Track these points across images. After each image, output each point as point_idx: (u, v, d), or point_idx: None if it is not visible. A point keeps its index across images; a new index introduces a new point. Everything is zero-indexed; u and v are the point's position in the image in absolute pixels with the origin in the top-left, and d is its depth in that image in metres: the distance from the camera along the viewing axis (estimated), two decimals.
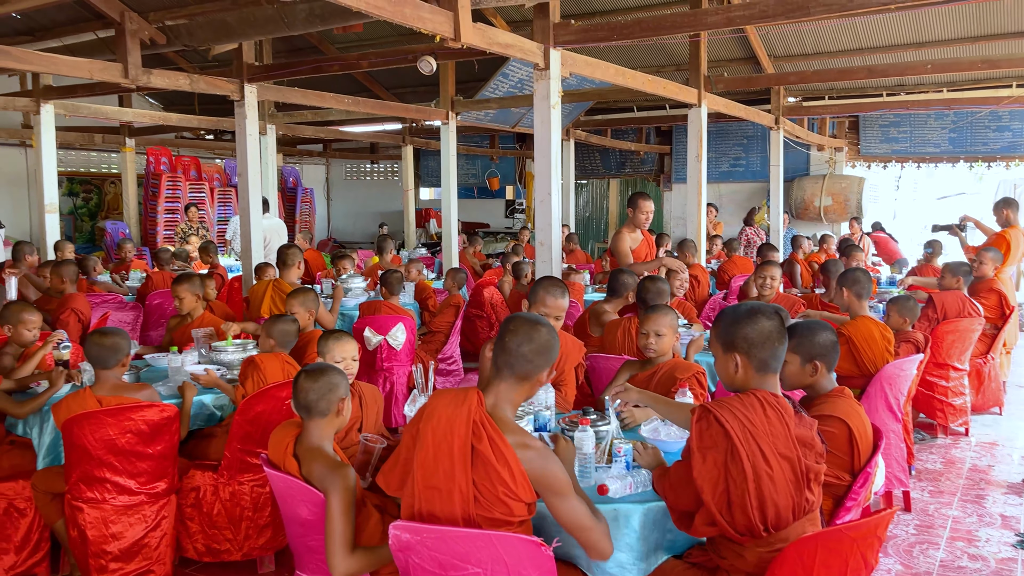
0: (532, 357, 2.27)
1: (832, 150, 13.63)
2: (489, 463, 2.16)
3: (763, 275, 5.45)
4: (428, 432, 2.23)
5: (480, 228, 16.37)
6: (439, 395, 2.30)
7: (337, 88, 10.33)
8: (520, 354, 2.26)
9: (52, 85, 8.99)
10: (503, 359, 2.28)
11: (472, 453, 2.17)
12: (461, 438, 2.17)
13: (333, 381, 2.64)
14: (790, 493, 2.24)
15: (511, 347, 2.27)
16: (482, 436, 2.17)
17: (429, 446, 2.22)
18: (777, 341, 2.34)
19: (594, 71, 6.34)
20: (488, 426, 2.19)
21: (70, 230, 14.26)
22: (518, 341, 2.27)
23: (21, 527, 3.53)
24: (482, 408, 2.22)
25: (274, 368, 3.79)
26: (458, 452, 2.17)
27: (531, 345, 2.27)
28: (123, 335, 3.51)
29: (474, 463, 2.17)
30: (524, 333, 2.28)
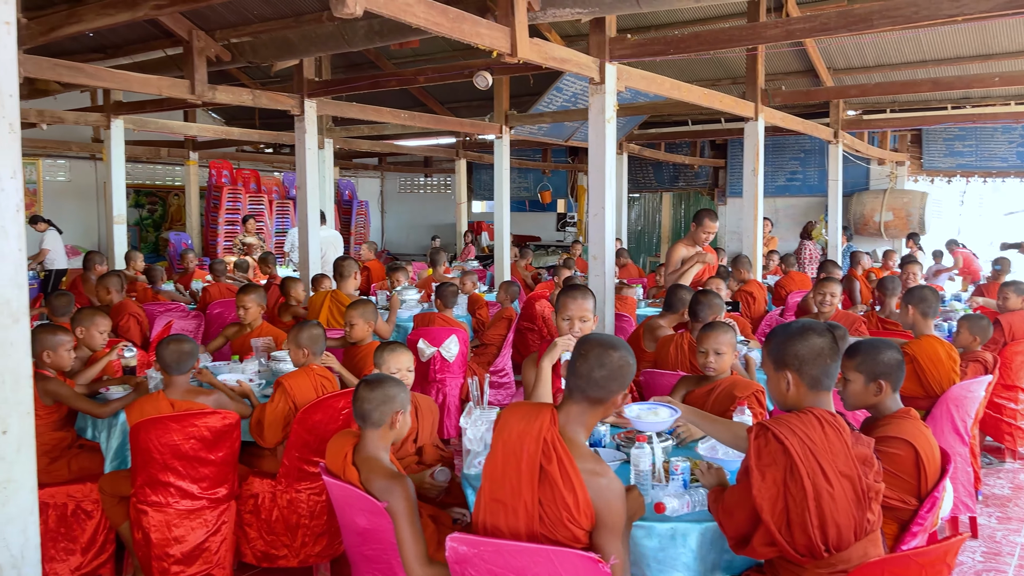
0: (604, 383, 2.20)
1: (893, 164, 13.32)
2: (556, 486, 2.12)
3: (822, 292, 5.33)
4: (499, 445, 2.22)
5: (531, 241, 16.41)
6: (513, 408, 2.28)
7: (392, 103, 10.50)
8: (592, 380, 2.19)
9: (122, 101, 9.34)
10: (574, 383, 2.22)
11: (540, 472, 2.14)
12: (530, 455, 2.15)
13: (389, 393, 2.67)
14: (851, 512, 2.19)
15: (583, 372, 2.20)
16: (552, 457, 2.13)
17: (499, 459, 2.21)
18: (829, 358, 2.30)
19: (649, 85, 6.32)
20: (559, 448, 2.14)
21: (135, 240, 14.75)
22: (590, 366, 2.20)
23: (88, 528, 3.64)
24: (554, 428, 2.17)
25: (304, 387, 3.72)
26: (526, 469, 2.15)
27: (603, 371, 2.19)
28: (194, 342, 3.62)
29: (541, 482, 2.14)
30: (596, 358, 2.20)
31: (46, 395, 3.63)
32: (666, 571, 2.39)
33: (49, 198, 13.47)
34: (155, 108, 8.95)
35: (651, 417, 2.81)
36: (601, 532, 2.15)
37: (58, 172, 13.93)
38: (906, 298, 4.40)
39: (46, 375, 3.69)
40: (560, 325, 3.45)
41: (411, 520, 2.43)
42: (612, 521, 2.14)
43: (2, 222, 2.59)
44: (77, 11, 5.26)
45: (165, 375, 3.55)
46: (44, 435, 3.50)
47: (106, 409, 3.74)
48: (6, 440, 2.64)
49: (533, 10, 5.11)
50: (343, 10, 3.67)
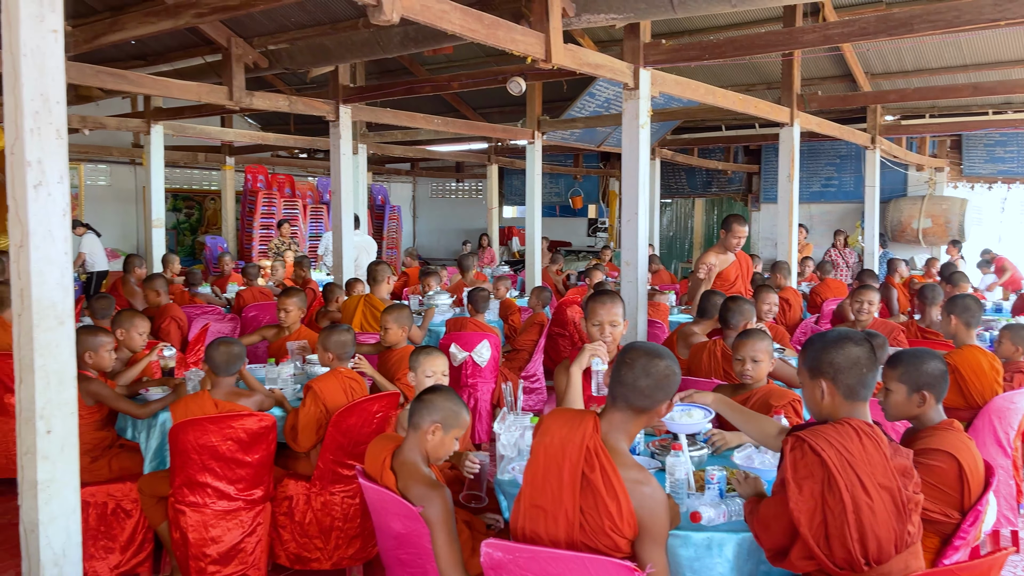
0: (650, 392, 2.19)
1: (932, 170, 13.10)
2: (599, 494, 2.11)
3: (860, 299, 5.25)
4: (540, 450, 2.21)
5: (562, 246, 16.38)
6: (555, 415, 2.27)
7: (425, 108, 10.56)
8: (637, 389, 2.18)
9: (161, 107, 9.51)
10: (619, 391, 2.20)
11: (582, 480, 2.12)
12: (572, 463, 2.13)
13: (437, 403, 2.66)
14: (891, 525, 2.15)
15: (627, 381, 2.19)
16: (595, 465, 2.12)
17: (540, 465, 2.20)
18: (866, 367, 2.26)
19: (684, 90, 6.29)
20: (602, 456, 2.13)
21: (173, 244, 15.00)
22: (635, 375, 2.18)
23: (127, 527, 3.70)
24: (597, 435, 2.16)
25: (333, 389, 3.75)
26: (568, 476, 2.14)
27: (648, 380, 2.18)
28: (243, 346, 3.70)
29: (583, 490, 2.13)
30: (641, 367, 2.19)
31: (88, 395, 3.71)
32: None
33: (90, 202, 13.75)
34: (193, 114, 9.11)
35: (684, 419, 2.79)
36: (644, 541, 2.14)
37: (99, 177, 14.22)
38: (948, 307, 4.32)
39: (88, 376, 3.76)
40: (590, 331, 3.43)
41: (447, 528, 2.43)
42: (656, 531, 2.13)
43: (49, 226, 2.65)
44: (120, 19, 5.38)
45: (212, 375, 3.62)
46: (86, 435, 3.56)
47: (145, 410, 3.81)
48: (50, 440, 2.70)
49: (568, 16, 5.11)
50: (380, 17, 3.70)
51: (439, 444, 2.64)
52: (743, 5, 4.99)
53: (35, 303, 2.62)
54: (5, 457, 4.82)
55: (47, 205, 2.64)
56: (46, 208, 2.64)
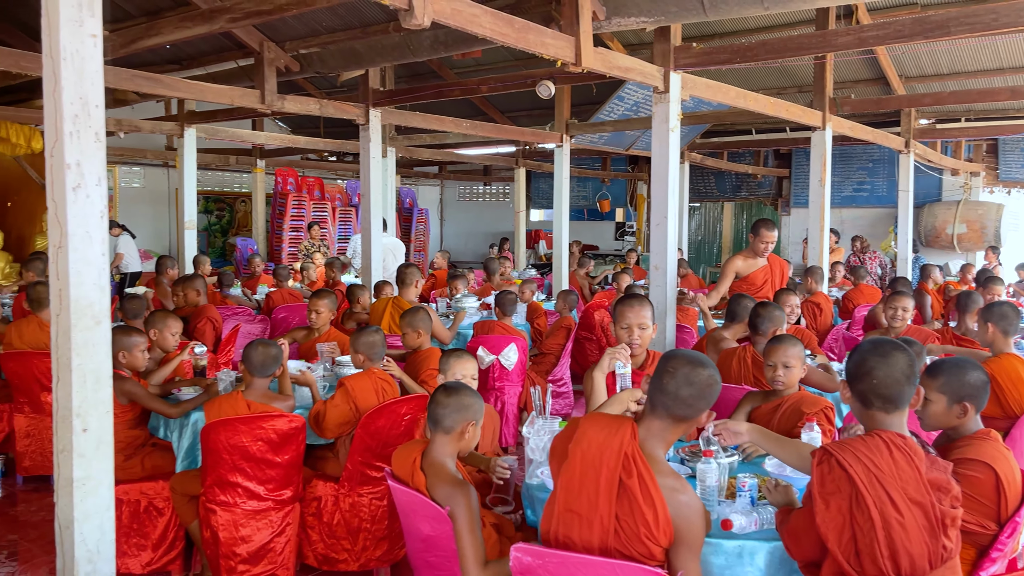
0: (692, 402, 2.16)
1: (967, 175, 12.88)
2: (635, 500, 2.10)
3: (894, 306, 5.16)
4: (577, 456, 2.19)
5: (589, 250, 16.34)
6: (592, 419, 2.25)
7: (453, 112, 10.60)
8: (679, 398, 2.15)
9: (195, 110, 9.65)
10: (659, 399, 2.18)
11: (619, 486, 2.11)
12: (610, 469, 2.12)
13: (465, 402, 2.68)
14: (924, 541, 2.10)
15: (669, 389, 2.16)
16: (632, 472, 2.11)
17: (576, 470, 2.18)
18: (903, 377, 2.21)
19: (715, 94, 6.24)
20: (640, 463, 2.12)
21: (204, 245, 15.20)
22: (676, 384, 2.15)
23: (159, 525, 3.75)
24: (635, 442, 2.15)
25: (365, 389, 3.78)
26: (604, 483, 2.12)
27: (690, 389, 2.15)
28: (280, 348, 3.74)
29: (619, 497, 2.12)
30: (683, 376, 2.16)
31: (122, 394, 3.76)
32: None
33: (124, 204, 13.97)
34: (225, 117, 9.22)
35: None
36: (680, 550, 2.12)
37: (133, 179, 14.45)
38: (985, 314, 4.23)
39: (122, 375, 3.82)
40: (618, 334, 3.41)
41: (472, 527, 2.44)
42: (691, 539, 2.12)
43: (87, 228, 2.70)
44: (156, 24, 5.46)
45: (247, 376, 3.65)
46: (119, 433, 3.61)
47: (177, 409, 3.86)
48: (86, 438, 2.74)
49: (598, 19, 5.10)
50: (411, 21, 3.72)
51: (472, 439, 2.69)
52: (775, 7, 4.94)
53: (73, 303, 2.67)
54: (40, 454, 4.91)
55: (85, 207, 2.69)
56: (84, 210, 2.68)
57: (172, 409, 3.85)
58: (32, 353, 4.83)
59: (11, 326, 5.18)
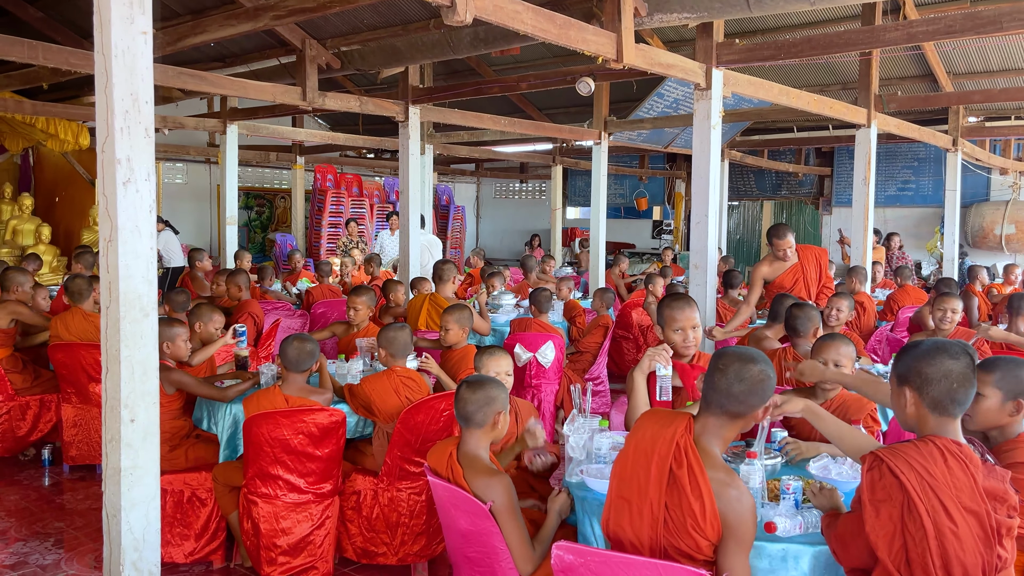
0: (744, 398, 2.16)
1: (1017, 174, 12.53)
2: (684, 491, 2.10)
3: (942, 307, 5.04)
4: (631, 444, 2.23)
5: (626, 248, 16.24)
6: (651, 413, 2.30)
7: (490, 109, 10.60)
8: (731, 394, 2.16)
9: (237, 107, 9.78)
10: (713, 397, 2.19)
11: (669, 476, 2.12)
12: (661, 457, 2.14)
13: (491, 394, 2.71)
14: (979, 551, 2.03)
15: (721, 387, 2.17)
16: (683, 462, 2.12)
17: (629, 457, 2.21)
18: (958, 383, 2.12)
19: (757, 91, 6.16)
20: (691, 454, 2.13)
21: (244, 241, 15.42)
22: (728, 381, 2.16)
23: (201, 516, 3.81)
24: (689, 435, 2.15)
25: (384, 390, 3.80)
26: (655, 471, 2.14)
27: (742, 385, 2.15)
28: (316, 343, 3.78)
29: (669, 486, 2.12)
30: (735, 372, 2.16)
31: (169, 384, 3.83)
32: None
33: (167, 200, 14.24)
34: (267, 114, 9.33)
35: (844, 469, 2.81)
36: (728, 545, 2.10)
37: (176, 175, 14.71)
38: None
39: (167, 365, 3.88)
40: (671, 338, 3.36)
41: (513, 515, 2.50)
42: (741, 534, 2.10)
43: (136, 221, 2.75)
44: (202, 22, 5.54)
45: (284, 371, 3.69)
46: (164, 423, 3.67)
47: (228, 393, 3.92)
48: (134, 428, 2.79)
49: (640, 15, 5.06)
50: (453, 18, 3.72)
51: (504, 425, 2.76)
52: (821, 3, 4.85)
53: (122, 296, 2.72)
54: (87, 444, 5.02)
55: (135, 201, 2.74)
56: (134, 204, 2.74)
57: (222, 393, 3.92)
58: (80, 344, 4.94)
59: (56, 319, 5.30)
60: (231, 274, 6.31)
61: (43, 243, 10.61)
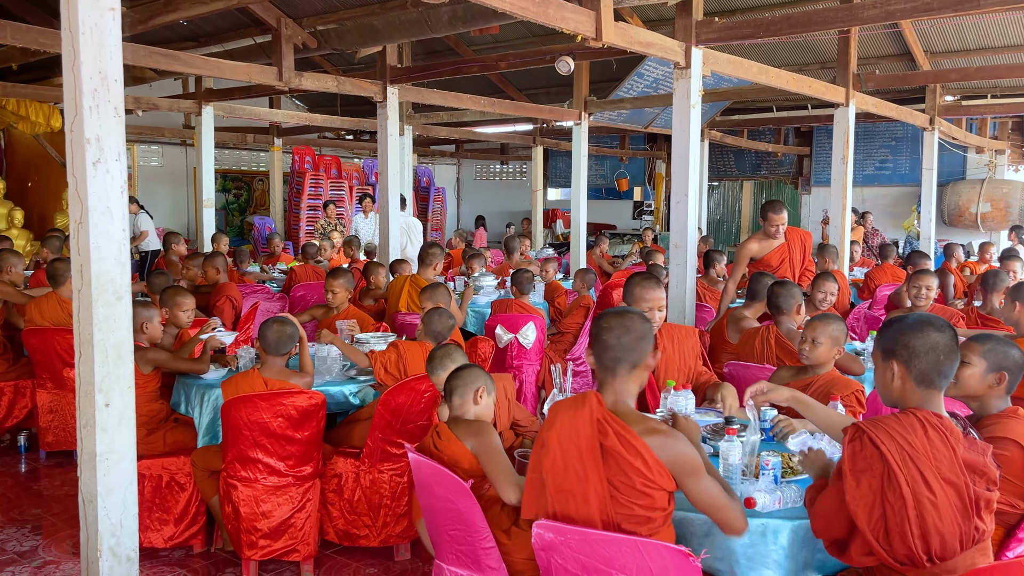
0: (635, 345, 2.30)
1: (993, 152, 12.66)
2: (621, 457, 2.16)
3: (917, 284, 5.08)
4: (553, 439, 2.26)
5: (606, 229, 16.26)
6: (557, 405, 2.36)
7: (470, 89, 10.52)
8: (623, 346, 2.29)
9: (212, 88, 9.63)
10: (608, 356, 2.31)
11: (602, 451, 2.18)
12: (587, 438, 2.19)
13: (473, 374, 2.86)
14: (956, 521, 2.06)
15: (612, 342, 2.30)
16: (608, 432, 2.18)
17: (556, 452, 2.25)
18: (943, 355, 2.15)
19: (736, 70, 6.14)
20: (612, 422, 2.20)
21: (221, 224, 15.25)
22: (616, 334, 2.30)
23: (181, 500, 3.78)
24: (603, 407, 2.24)
25: (415, 356, 3.89)
26: (587, 453, 2.18)
27: (630, 335, 2.30)
28: (295, 326, 3.76)
29: (605, 461, 2.17)
30: (620, 325, 2.32)
31: (145, 363, 3.78)
32: (756, 568, 2.32)
33: (142, 182, 14.04)
34: (243, 95, 9.20)
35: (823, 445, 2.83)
36: (685, 483, 2.19)
37: (151, 157, 14.50)
38: (1013, 294, 4.16)
39: (141, 346, 3.83)
40: None
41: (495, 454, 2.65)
42: (690, 467, 2.18)
43: (107, 203, 2.70)
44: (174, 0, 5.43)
45: (263, 354, 3.67)
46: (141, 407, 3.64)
47: (202, 363, 3.93)
48: (109, 412, 2.75)
49: None
50: None
51: (487, 408, 2.87)
52: None
53: (94, 278, 2.67)
54: (63, 430, 4.96)
55: (106, 182, 2.68)
56: (105, 185, 2.68)
57: (198, 364, 3.91)
58: (54, 329, 4.87)
59: (31, 304, 5.22)
60: (208, 256, 6.23)
61: (16, 227, 10.44)
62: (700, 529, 2.38)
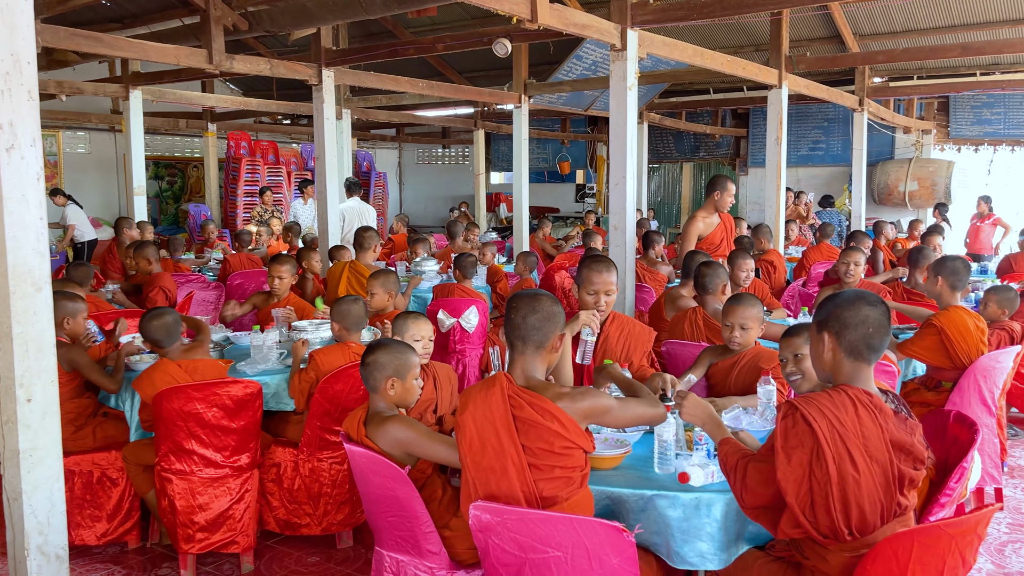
0: (540, 325, 2.37)
1: (919, 132, 13.08)
2: (538, 424, 2.24)
3: (846, 260, 5.26)
4: (468, 421, 2.32)
5: (550, 212, 16.31)
6: (469, 389, 2.41)
7: (410, 72, 10.41)
8: (529, 325, 2.36)
9: (140, 72, 9.31)
10: (516, 335, 2.39)
11: (516, 423, 2.25)
12: (501, 413, 2.26)
13: (380, 361, 2.74)
14: (878, 497, 2.12)
15: (518, 322, 2.37)
16: (521, 405, 2.26)
17: (472, 432, 2.31)
18: (874, 328, 2.20)
19: (671, 52, 6.21)
20: (524, 394, 2.28)
21: (155, 213, 14.82)
22: (523, 314, 2.38)
23: (113, 496, 3.68)
24: (512, 384, 2.32)
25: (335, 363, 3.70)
26: (502, 427, 2.25)
27: (536, 315, 2.37)
28: (174, 312, 3.71)
29: (522, 431, 2.25)
30: (527, 306, 2.39)
31: (65, 362, 3.64)
32: (690, 541, 2.37)
33: (69, 170, 13.53)
34: (173, 79, 8.92)
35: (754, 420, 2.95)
36: (605, 419, 2.37)
37: (78, 144, 13.98)
38: (936, 268, 4.31)
39: (64, 342, 3.69)
40: (584, 299, 3.40)
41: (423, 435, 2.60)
42: (601, 409, 2.33)
43: (23, 190, 2.58)
44: None
45: (159, 350, 3.61)
46: (66, 403, 3.53)
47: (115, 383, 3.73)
48: (31, 408, 2.66)
49: None
50: None
51: (403, 393, 2.77)
52: None
53: (11, 269, 2.56)
54: None
55: (20, 169, 2.57)
56: (19, 172, 2.57)
57: (111, 383, 3.74)
58: None
59: None
60: (138, 247, 6.04)
61: None
62: (636, 505, 2.42)
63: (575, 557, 2.09)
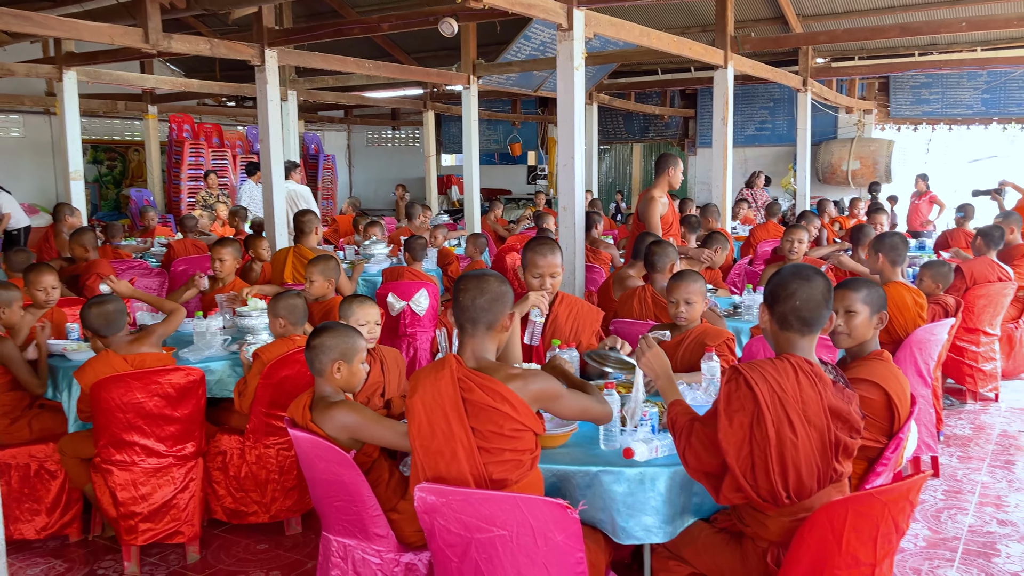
0: (489, 306, 2.35)
1: (861, 112, 13.37)
2: (488, 406, 2.21)
3: (790, 238, 5.38)
4: (417, 404, 2.30)
5: (502, 194, 16.28)
6: (419, 372, 2.38)
7: (357, 53, 10.24)
8: (477, 307, 2.33)
9: (74, 52, 8.98)
10: (464, 317, 2.36)
11: (466, 406, 2.22)
12: (451, 398, 2.23)
13: (326, 344, 2.71)
14: (815, 462, 2.20)
15: (467, 304, 2.34)
16: (471, 387, 2.23)
17: (422, 415, 2.28)
18: (801, 301, 2.28)
19: (618, 32, 6.21)
20: (474, 376, 2.26)
21: (95, 198, 14.38)
22: (472, 296, 2.35)
23: (52, 489, 3.58)
24: (462, 366, 2.29)
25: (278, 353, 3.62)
26: (451, 410, 2.22)
27: (485, 296, 2.35)
28: (118, 300, 3.59)
29: (472, 414, 2.22)
30: (475, 287, 2.36)
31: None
32: (636, 515, 2.40)
33: (2, 155, 13.04)
34: (109, 59, 8.63)
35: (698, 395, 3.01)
36: (552, 405, 2.36)
37: (11, 127, 13.47)
38: (876, 245, 4.41)
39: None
40: (530, 281, 3.41)
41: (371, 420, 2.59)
42: (551, 394, 2.33)
43: None
44: None
45: (102, 340, 3.47)
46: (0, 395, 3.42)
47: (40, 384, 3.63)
48: None
49: None
50: None
51: (349, 376, 2.73)
52: None
53: None
54: None
55: None
56: None
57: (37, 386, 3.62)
58: None
59: None
60: (75, 234, 5.85)
61: None
62: (582, 481, 2.44)
63: (520, 535, 2.10)
